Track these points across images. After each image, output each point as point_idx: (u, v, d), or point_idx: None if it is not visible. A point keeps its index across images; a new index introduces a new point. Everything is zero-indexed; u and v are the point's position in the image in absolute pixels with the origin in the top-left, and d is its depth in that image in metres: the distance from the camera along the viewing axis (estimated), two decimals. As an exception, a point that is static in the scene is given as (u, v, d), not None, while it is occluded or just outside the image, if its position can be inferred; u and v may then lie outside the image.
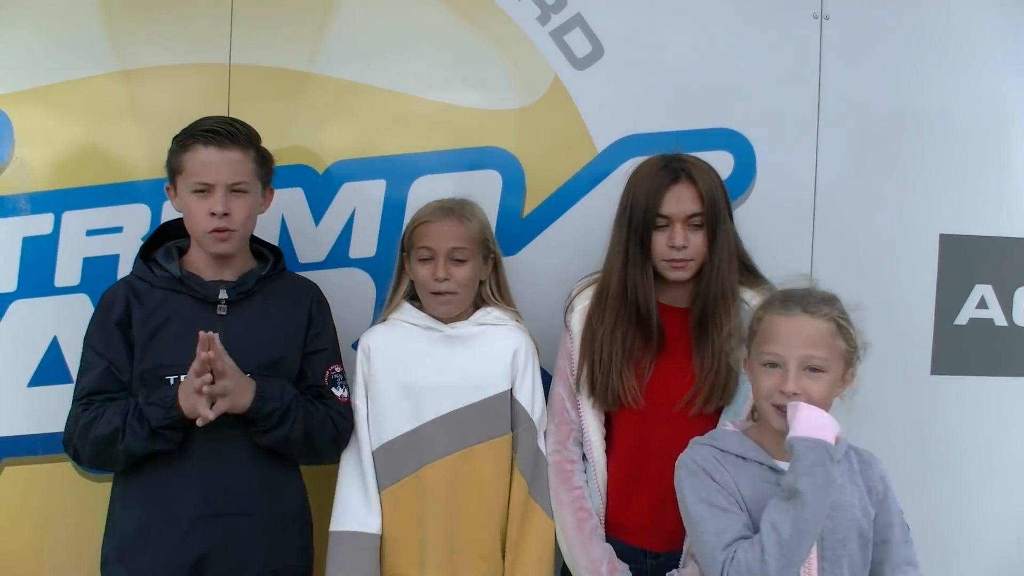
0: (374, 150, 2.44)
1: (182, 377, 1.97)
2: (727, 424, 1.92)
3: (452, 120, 2.44)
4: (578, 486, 2.14)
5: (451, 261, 2.12)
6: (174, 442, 1.97)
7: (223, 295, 2.05)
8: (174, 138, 2.07)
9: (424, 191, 2.39)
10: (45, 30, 2.41)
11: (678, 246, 2.04)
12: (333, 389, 2.16)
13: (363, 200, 2.43)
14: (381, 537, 2.13)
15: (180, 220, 2.14)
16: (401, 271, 2.23)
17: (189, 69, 2.41)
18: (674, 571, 2.08)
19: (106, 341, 2.04)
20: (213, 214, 2.00)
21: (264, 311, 2.10)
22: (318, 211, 2.42)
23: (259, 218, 2.21)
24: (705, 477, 1.81)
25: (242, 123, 2.08)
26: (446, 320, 2.17)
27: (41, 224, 2.38)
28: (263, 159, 2.10)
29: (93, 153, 2.40)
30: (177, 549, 1.99)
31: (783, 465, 1.77)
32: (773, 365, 1.76)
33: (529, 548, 2.13)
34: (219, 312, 2.05)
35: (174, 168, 2.05)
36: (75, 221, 2.38)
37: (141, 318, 2.03)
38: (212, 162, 2.00)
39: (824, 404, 1.75)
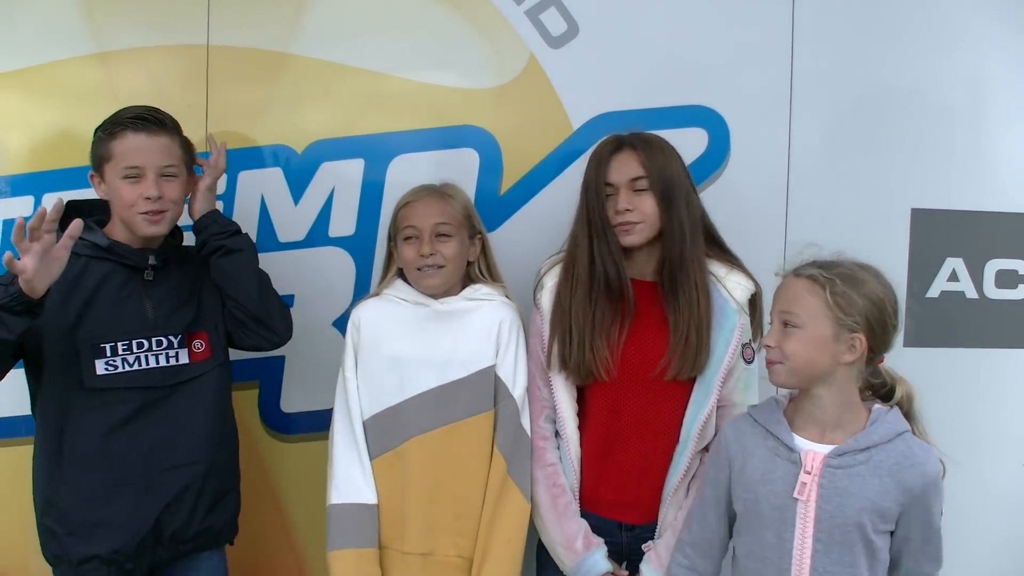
0: (352, 130, 2.45)
1: (120, 345, 2.02)
2: (781, 392, 1.95)
3: (429, 99, 2.46)
4: (551, 463, 2.15)
5: (435, 237, 2.13)
6: (12, 330, 1.83)
7: (152, 260, 2.08)
8: (97, 128, 2.07)
9: (402, 170, 2.42)
10: (22, 13, 2.41)
11: (621, 209, 2.06)
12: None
13: (342, 179, 2.44)
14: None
15: (87, 203, 2.14)
16: (390, 258, 2.23)
17: (167, 51, 2.42)
18: (650, 542, 2.11)
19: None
20: (147, 198, 2.01)
21: (182, 274, 2.14)
22: (297, 191, 2.44)
23: (239, 198, 2.23)
24: (711, 479, 1.95)
25: (164, 112, 2.10)
26: (436, 296, 2.18)
27: (21, 206, 2.39)
28: (187, 145, 2.13)
29: (72, 135, 2.40)
30: (138, 507, 2.03)
31: (798, 442, 1.83)
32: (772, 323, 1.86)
33: (501, 527, 2.12)
34: (146, 278, 2.08)
35: (101, 156, 2.05)
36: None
37: (65, 287, 1.98)
38: (142, 147, 2.02)
39: (796, 358, 1.79)
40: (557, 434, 2.18)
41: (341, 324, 2.25)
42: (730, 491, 1.91)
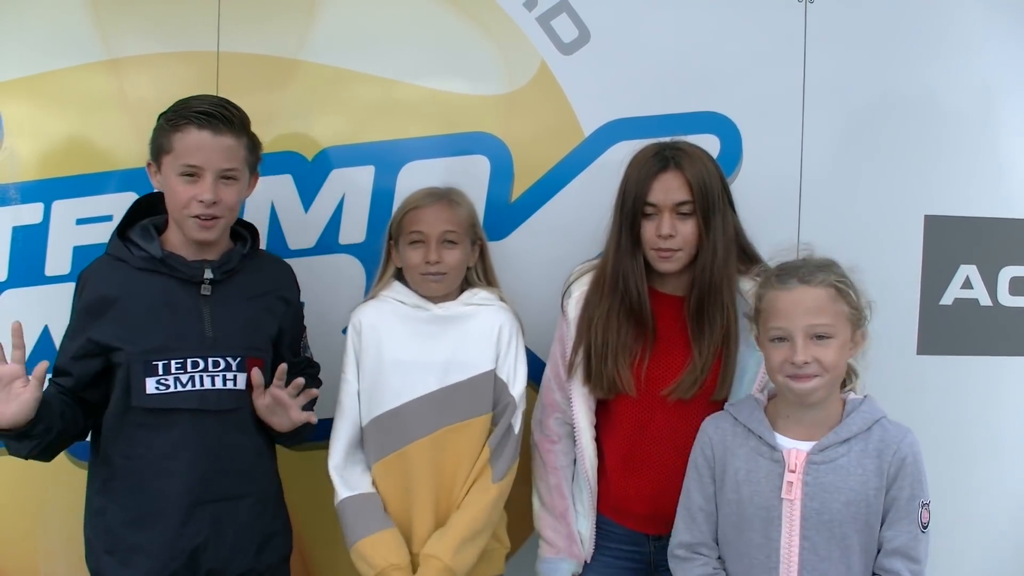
0: (362, 136, 2.45)
1: (173, 363, 1.94)
2: (759, 393, 1.95)
3: (440, 106, 2.45)
4: (555, 467, 2.18)
5: (442, 244, 2.14)
6: (23, 451, 1.91)
7: (208, 275, 2.00)
8: (162, 115, 1.99)
9: (413, 177, 2.40)
10: (32, 20, 2.41)
11: (664, 235, 2.03)
12: (306, 354, 2.24)
13: (352, 186, 2.43)
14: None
15: (154, 195, 2.09)
16: (388, 259, 2.24)
17: (177, 57, 2.41)
18: None
19: (75, 325, 2.00)
20: (201, 201, 1.93)
21: (247, 290, 2.06)
22: (307, 197, 2.43)
23: (249, 205, 2.22)
24: (695, 472, 1.94)
25: (235, 107, 2.01)
26: (434, 300, 2.19)
27: (31, 213, 2.38)
28: (254, 146, 2.05)
29: (82, 142, 2.41)
30: (174, 538, 1.95)
31: (780, 440, 1.83)
32: (781, 339, 1.80)
33: (464, 503, 2.13)
34: (203, 292, 2.00)
35: (161, 147, 1.96)
36: (65, 210, 2.38)
37: (120, 303, 1.96)
38: (204, 146, 1.92)
39: (837, 368, 1.79)
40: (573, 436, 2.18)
41: (351, 331, 2.25)
42: (715, 493, 1.90)
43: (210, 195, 1.93)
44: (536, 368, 2.29)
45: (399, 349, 2.17)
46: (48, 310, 2.36)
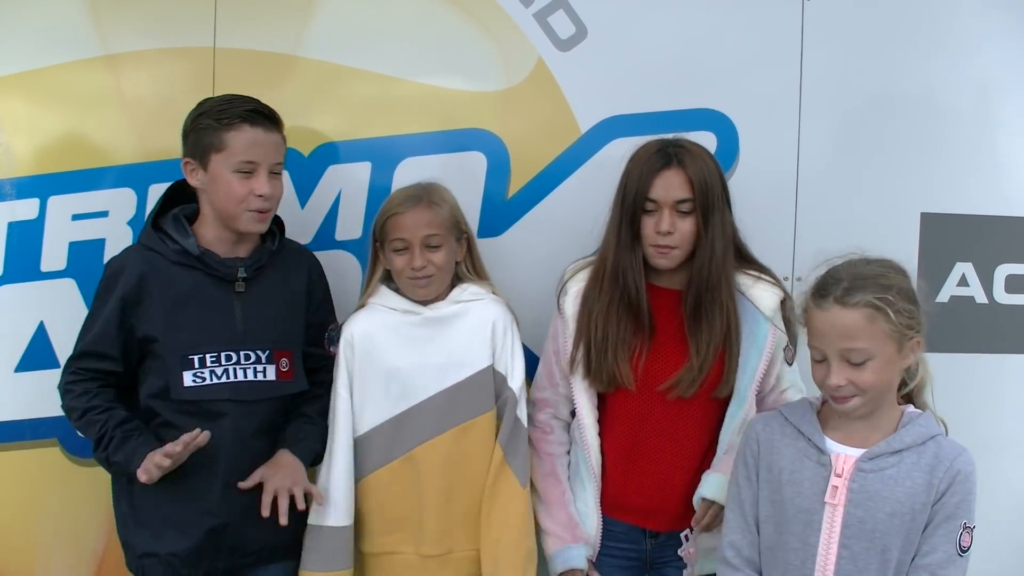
0: (359, 132, 2.45)
1: (208, 357, 2.01)
2: (814, 395, 1.89)
3: (437, 102, 2.45)
4: (548, 453, 2.18)
5: (426, 248, 2.14)
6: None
7: (242, 273, 2.07)
8: (200, 114, 2.05)
9: (409, 173, 2.39)
10: (29, 15, 2.40)
11: (663, 231, 2.03)
12: (332, 348, 2.24)
13: (348, 182, 2.43)
14: (354, 523, 2.16)
15: (177, 187, 2.15)
16: (375, 260, 2.24)
17: (174, 53, 2.41)
18: (686, 544, 2.11)
19: (106, 309, 2.04)
20: (260, 196, 2.02)
21: (274, 285, 2.13)
22: (304, 194, 2.42)
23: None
24: (743, 468, 1.89)
25: (269, 107, 2.10)
26: (425, 302, 2.18)
27: (27, 209, 2.37)
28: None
29: (78, 138, 2.40)
30: (205, 517, 2.03)
31: (830, 444, 1.78)
32: (821, 358, 1.75)
33: (504, 516, 2.13)
34: (237, 290, 2.07)
35: (211, 145, 2.02)
36: (61, 206, 2.37)
37: (156, 295, 2.02)
38: (261, 143, 2.03)
39: (876, 387, 1.72)
40: (570, 429, 2.19)
41: (347, 327, 2.24)
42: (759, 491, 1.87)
43: (268, 189, 2.04)
44: (533, 365, 2.28)
45: (395, 357, 2.16)
46: (44, 306, 2.36)
